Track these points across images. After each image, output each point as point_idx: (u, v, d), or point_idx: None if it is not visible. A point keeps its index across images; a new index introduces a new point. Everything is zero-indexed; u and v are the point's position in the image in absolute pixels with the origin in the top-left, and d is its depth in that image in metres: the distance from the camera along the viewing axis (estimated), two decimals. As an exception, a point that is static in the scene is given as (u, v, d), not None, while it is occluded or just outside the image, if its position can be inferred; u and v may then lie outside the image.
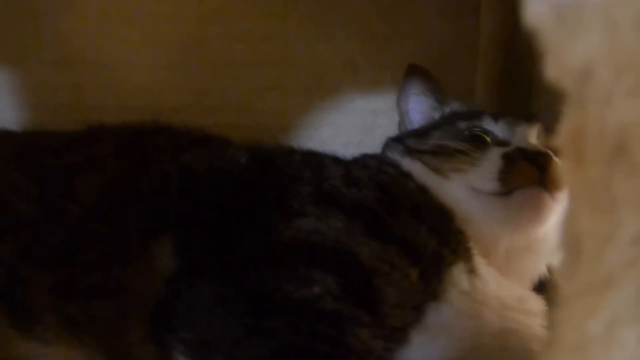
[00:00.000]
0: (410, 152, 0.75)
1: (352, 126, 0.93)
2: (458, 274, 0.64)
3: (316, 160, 0.74)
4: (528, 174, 0.65)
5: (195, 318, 0.58)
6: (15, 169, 0.71)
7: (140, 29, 0.90)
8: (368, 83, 0.91)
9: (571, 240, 0.33)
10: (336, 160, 0.76)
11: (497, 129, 0.73)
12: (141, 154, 0.73)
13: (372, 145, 0.89)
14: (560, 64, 0.34)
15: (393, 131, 0.84)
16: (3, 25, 0.89)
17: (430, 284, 0.62)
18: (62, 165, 0.72)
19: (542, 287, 0.70)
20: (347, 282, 0.59)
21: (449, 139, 0.73)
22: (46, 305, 0.63)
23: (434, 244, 0.64)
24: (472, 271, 0.65)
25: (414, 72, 0.83)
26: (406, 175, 0.72)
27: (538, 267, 0.71)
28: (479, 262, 0.66)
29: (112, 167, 0.71)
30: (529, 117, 0.75)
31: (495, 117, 0.74)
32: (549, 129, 0.71)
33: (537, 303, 0.66)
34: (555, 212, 0.64)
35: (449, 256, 0.64)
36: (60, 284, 0.63)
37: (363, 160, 0.77)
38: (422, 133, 0.78)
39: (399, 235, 0.64)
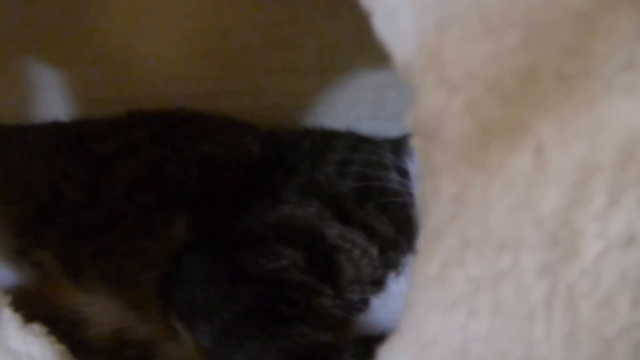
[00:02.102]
0: None
1: (363, 101, 0.97)
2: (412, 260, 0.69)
3: (325, 145, 0.82)
4: None
5: (186, 287, 0.68)
6: (67, 157, 0.83)
7: (166, 25, 0.99)
8: (375, 59, 0.94)
9: (420, 200, 0.40)
10: (350, 146, 0.82)
11: None
12: (169, 143, 0.84)
13: (384, 117, 0.93)
14: (398, 58, 0.40)
15: (402, 103, 0.88)
16: (51, 30, 1.01)
17: (388, 260, 0.70)
18: (105, 151, 0.83)
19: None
20: (313, 257, 0.67)
21: None
22: (91, 261, 0.75)
23: (392, 232, 0.71)
24: None
25: None
26: (393, 168, 0.78)
27: None
28: None
29: (145, 154, 0.82)
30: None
31: None
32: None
33: None
34: None
35: (405, 245, 0.70)
36: (100, 250, 0.75)
37: (374, 149, 0.82)
38: None
39: (362, 222, 0.71)
